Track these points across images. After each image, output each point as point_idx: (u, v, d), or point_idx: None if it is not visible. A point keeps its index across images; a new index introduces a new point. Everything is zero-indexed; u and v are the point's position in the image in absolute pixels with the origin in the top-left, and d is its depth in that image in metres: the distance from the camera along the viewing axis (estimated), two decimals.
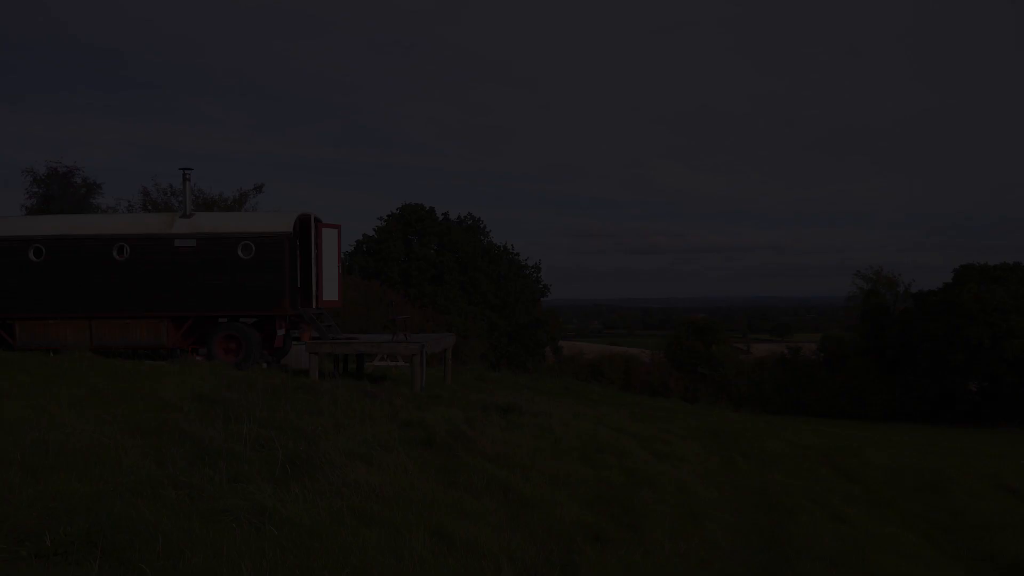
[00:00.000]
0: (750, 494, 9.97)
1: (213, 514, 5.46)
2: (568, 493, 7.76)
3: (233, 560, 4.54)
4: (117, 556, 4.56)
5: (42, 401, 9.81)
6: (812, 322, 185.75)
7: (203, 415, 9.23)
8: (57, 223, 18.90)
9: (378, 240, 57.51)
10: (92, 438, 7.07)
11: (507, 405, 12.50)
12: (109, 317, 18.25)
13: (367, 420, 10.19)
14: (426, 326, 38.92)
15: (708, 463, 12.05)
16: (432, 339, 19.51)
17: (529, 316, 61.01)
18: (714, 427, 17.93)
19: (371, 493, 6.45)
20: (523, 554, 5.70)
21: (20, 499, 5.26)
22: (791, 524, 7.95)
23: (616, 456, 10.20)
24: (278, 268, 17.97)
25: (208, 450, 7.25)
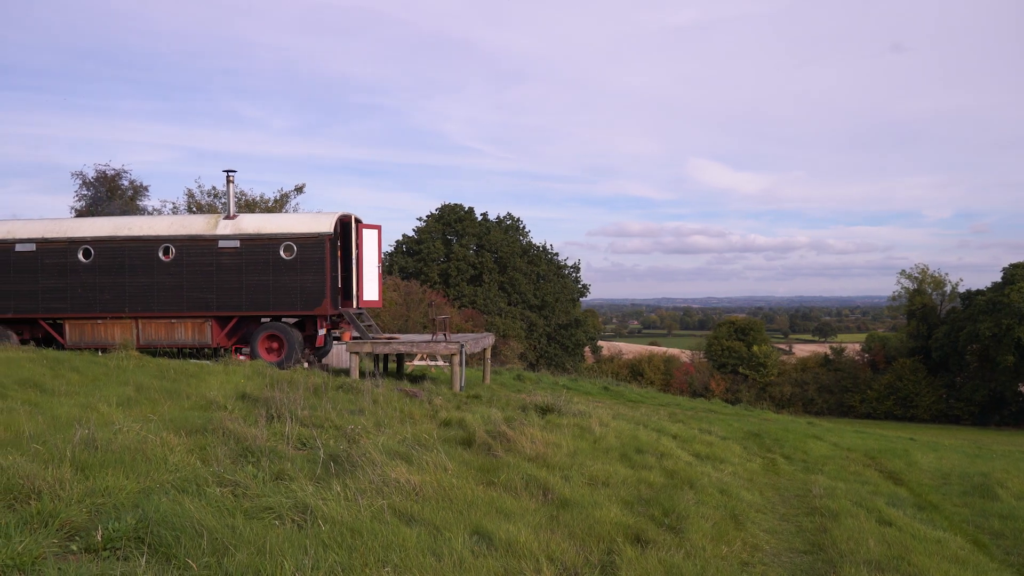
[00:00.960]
0: (793, 497, 9.84)
1: (256, 511, 5.53)
2: (608, 494, 7.73)
3: (276, 557, 4.59)
4: (164, 552, 4.64)
5: (91, 399, 10.04)
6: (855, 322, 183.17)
7: (247, 414, 9.36)
8: (105, 225, 19.30)
9: (418, 240, 57.84)
10: (139, 436, 7.20)
11: (546, 405, 12.49)
12: (155, 317, 18.60)
13: (407, 419, 10.25)
14: (465, 326, 39.07)
15: (750, 465, 11.92)
16: (471, 339, 19.58)
17: (568, 316, 60.92)
18: (756, 429, 17.74)
19: (411, 492, 6.49)
20: (563, 555, 5.69)
21: (71, 495, 5.38)
22: (835, 527, 7.83)
23: (656, 457, 10.13)
24: (319, 269, 18.16)
25: (251, 448, 7.35)
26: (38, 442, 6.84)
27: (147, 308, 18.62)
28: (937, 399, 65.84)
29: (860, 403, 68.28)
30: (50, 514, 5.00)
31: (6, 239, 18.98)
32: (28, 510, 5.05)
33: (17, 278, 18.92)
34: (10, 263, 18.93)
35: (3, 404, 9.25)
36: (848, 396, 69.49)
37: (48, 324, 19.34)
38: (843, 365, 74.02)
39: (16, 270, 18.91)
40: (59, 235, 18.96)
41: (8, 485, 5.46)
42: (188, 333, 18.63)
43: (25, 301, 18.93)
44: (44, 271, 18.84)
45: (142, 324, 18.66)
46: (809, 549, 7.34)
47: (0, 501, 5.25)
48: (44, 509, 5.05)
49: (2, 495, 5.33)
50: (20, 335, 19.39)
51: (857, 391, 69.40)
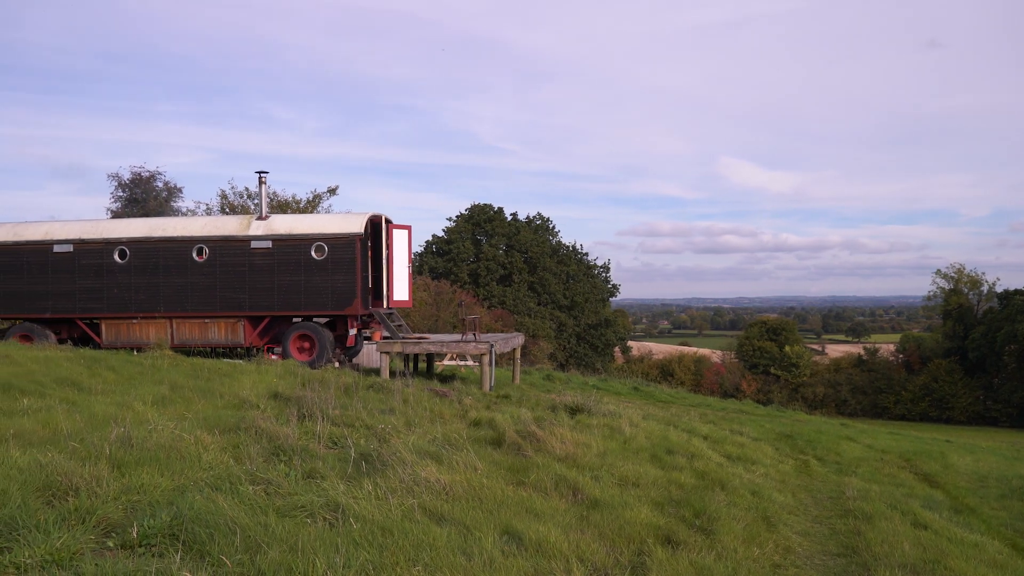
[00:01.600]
0: (826, 499, 9.74)
1: (288, 509, 5.58)
2: (638, 494, 7.71)
3: (308, 555, 4.63)
4: (198, 549, 4.70)
5: (127, 398, 10.19)
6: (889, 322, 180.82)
7: (279, 413, 9.45)
8: (140, 226, 19.58)
9: (447, 240, 57.99)
10: (174, 434, 7.29)
11: (576, 405, 12.47)
12: (189, 317, 18.83)
13: (437, 419, 10.29)
14: (495, 326, 39.11)
15: (782, 466, 11.81)
16: (501, 339, 19.60)
17: (598, 316, 60.75)
18: (788, 430, 17.57)
19: (441, 492, 6.51)
20: (593, 555, 5.68)
21: (107, 492, 5.46)
22: (869, 530, 7.73)
23: (687, 458, 10.07)
24: (350, 269, 18.28)
25: (283, 447, 7.41)
26: (76, 440, 6.96)
27: (181, 308, 18.86)
28: (974, 400, 64.78)
29: (894, 404, 67.39)
30: (87, 511, 5.08)
31: (44, 240, 19.32)
32: (66, 506, 5.13)
33: (55, 278, 19.25)
34: (48, 264, 19.27)
35: (42, 402, 9.41)
36: (882, 397, 68.62)
37: (85, 324, 19.66)
38: (877, 366, 73.11)
39: (54, 271, 19.24)
40: (96, 236, 19.26)
41: (47, 482, 5.56)
42: (221, 333, 18.84)
43: (63, 301, 19.26)
44: (81, 272, 19.16)
45: (176, 324, 18.91)
46: (843, 552, 7.25)
47: (39, 497, 5.34)
48: (82, 506, 5.13)
49: (41, 492, 5.43)
50: (58, 335, 19.73)
51: (891, 392, 68.50)
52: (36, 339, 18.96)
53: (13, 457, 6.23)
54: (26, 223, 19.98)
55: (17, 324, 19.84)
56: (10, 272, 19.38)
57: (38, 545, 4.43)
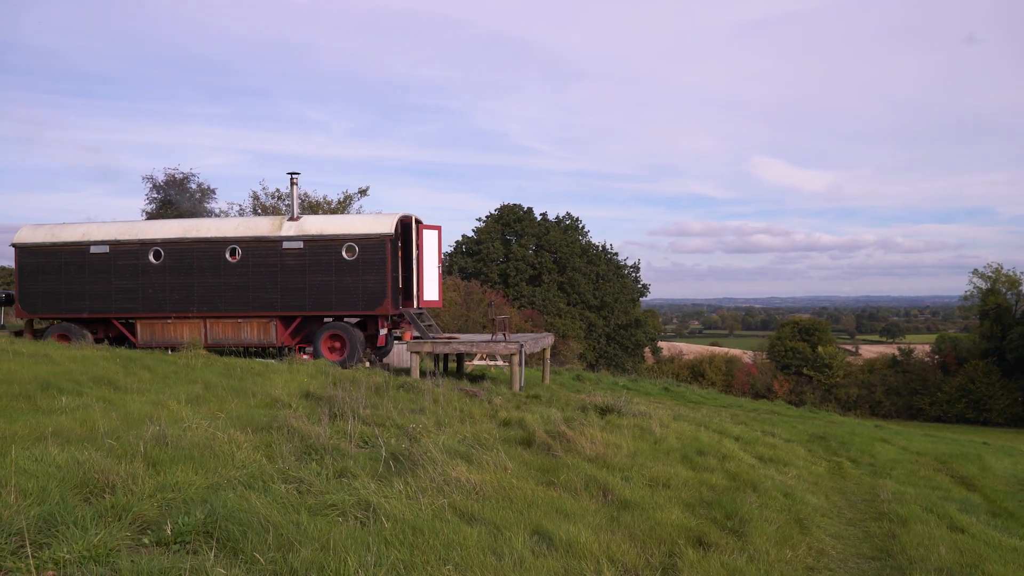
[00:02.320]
0: (860, 501, 9.62)
1: (320, 508, 5.62)
2: (669, 496, 7.67)
3: (339, 553, 4.66)
4: (231, 547, 4.74)
5: (162, 397, 10.33)
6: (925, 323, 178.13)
7: (310, 412, 9.52)
8: (174, 227, 19.84)
9: (477, 241, 58.10)
10: (207, 433, 7.37)
11: (606, 406, 12.43)
12: (222, 317, 19.04)
13: (467, 419, 10.31)
14: (525, 326, 39.11)
15: (815, 468, 11.69)
16: (531, 339, 19.59)
17: (628, 316, 60.52)
18: (821, 431, 17.38)
19: (472, 491, 6.52)
20: (623, 556, 5.66)
21: (143, 490, 5.54)
22: (904, 533, 7.62)
23: (718, 459, 10.00)
24: (380, 269, 18.38)
25: (315, 446, 7.47)
26: (112, 438, 7.07)
27: (214, 308, 19.08)
28: (1012, 402, 63.60)
29: (930, 406, 66.38)
30: (123, 508, 5.15)
31: (81, 241, 19.65)
32: (103, 503, 5.21)
33: (92, 279, 19.57)
34: (85, 264, 19.59)
35: (79, 401, 9.58)
36: (917, 399, 67.62)
37: (121, 324, 19.96)
38: (912, 367, 72.05)
39: (91, 271, 19.56)
40: (131, 237, 19.55)
41: (84, 479, 5.65)
42: (254, 333, 19.04)
43: (99, 301, 19.57)
44: (117, 272, 19.45)
45: (210, 324, 19.13)
46: (877, 555, 7.16)
47: (77, 495, 5.43)
48: (118, 503, 5.21)
49: (79, 489, 5.52)
50: (95, 334, 20.05)
51: (927, 393, 67.48)
52: (74, 339, 19.29)
53: (52, 455, 6.34)
54: (64, 224, 20.32)
55: (55, 324, 20.20)
56: (49, 273, 19.73)
57: (76, 541, 4.50)
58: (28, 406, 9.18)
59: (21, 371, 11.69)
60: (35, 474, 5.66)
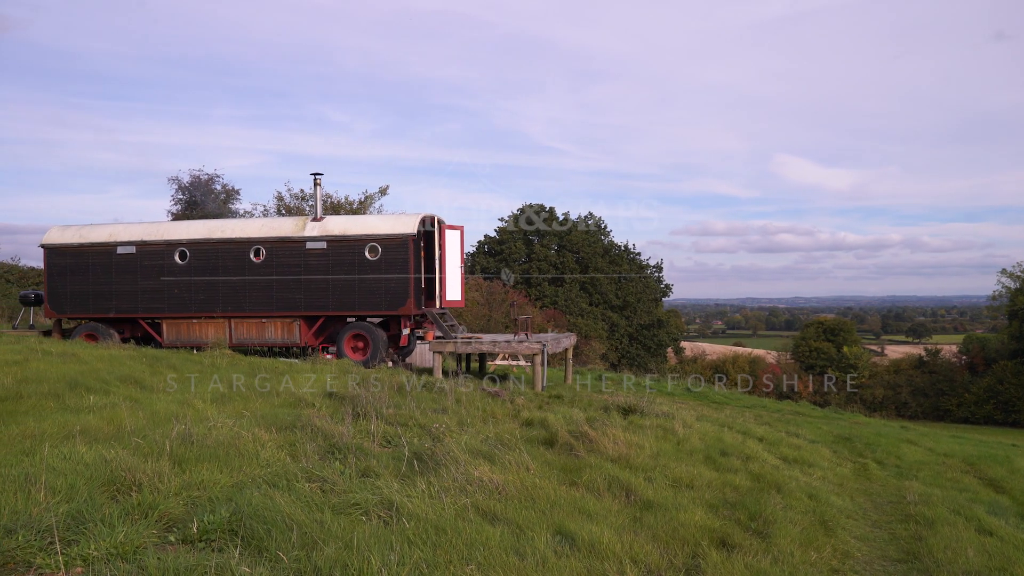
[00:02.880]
0: (886, 503, 9.52)
1: (344, 507, 5.65)
2: (692, 496, 7.63)
3: (363, 552, 4.68)
4: (256, 544, 4.78)
5: (187, 396, 10.43)
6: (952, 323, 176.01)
7: (334, 411, 9.57)
8: (199, 228, 20.01)
9: (499, 240, 58.14)
10: (232, 432, 7.43)
11: (628, 406, 12.39)
12: (247, 317, 19.19)
13: (489, 419, 10.32)
14: (547, 326, 39.08)
15: (840, 470, 11.58)
16: (553, 339, 19.58)
17: (650, 316, 60.29)
18: (846, 432, 17.22)
19: (494, 491, 6.53)
20: (646, 557, 5.64)
21: (169, 488, 5.59)
22: (931, 536, 7.54)
23: (742, 460, 9.94)
24: (403, 269, 18.44)
25: (338, 445, 7.51)
26: (139, 436, 7.15)
27: (239, 308, 19.23)
28: None
29: (957, 407, 65.55)
30: (150, 506, 5.21)
31: (108, 242, 19.87)
32: (130, 501, 5.27)
33: (119, 279, 19.79)
34: (112, 265, 19.82)
35: (107, 400, 9.69)
36: (944, 400, 66.79)
37: (147, 323, 20.17)
38: (939, 367, 71.17)
39: (118, 271, 19.79)
40: (157, 238, 19.75)
41: (111, 477, 5.71)
42: (278, 332, 19.18)
43: (126, 301, 19.79)
44: (143, 272, 19.66)
45: (234, 324, 19.29)
46: (903, 558, 7.09)
47: (104, 492, 5.49)
48: (144, 501, 5.26)
49: (106, 486, 5.59)
50: (121, 334, 20.29)
51: (954, 394, 66.64)
52: (101, 338, 19.52)
53: (80, 453, 6.43)
54: (91, 225, 20.57)
55: (83, 324, 20.45)
56: (77, 273, 19.99)
57: (103, 539, 4.56)
58: (57, 405, 9.30)
59: (50, 370, 11.85)
60: (64, 472, 5.74)
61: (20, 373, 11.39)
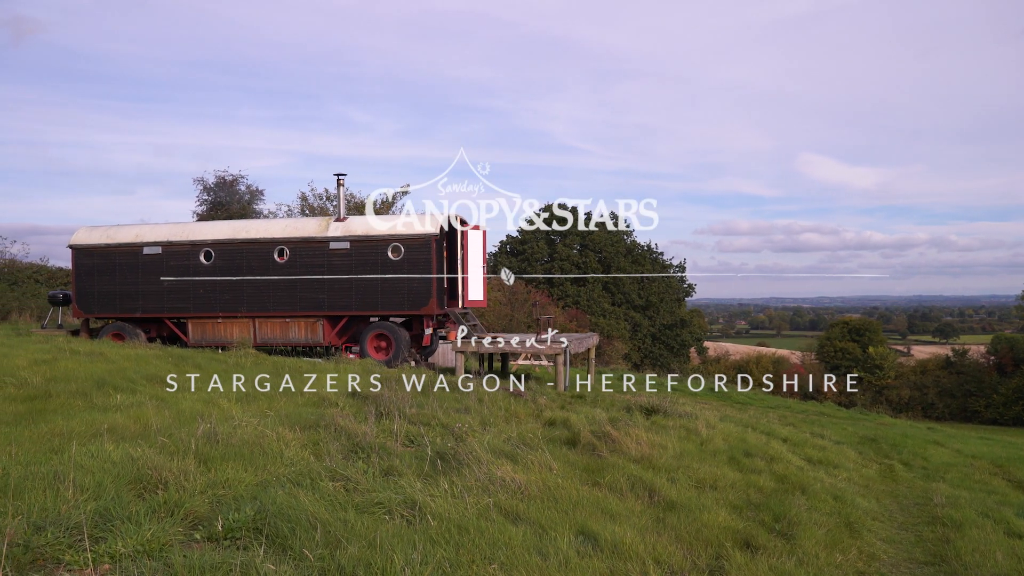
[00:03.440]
0: (912, 505, 9.42)
1: (367, 506, 5.68)
2: (715, 497, 7.59)
3: (386, 551, 4.69)
4: (280, 543, 4.81)
5: (212, 395, 10.52)
6: (980, 323, 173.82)
7: (357, 411, 9.62)
8: (224, 228, 20.18)
9: (522, 240, 58.14)
10: (256, 430, 7.49)
11: (651, 406, 12.34)
12: (271, 317, 19.33)
13: (512, 418, 10.32)
14: (569, 326, 39.03)
15: (865, 471, 11.48)
16: (575, 339, 19.55)
17: (673, 316, 60.05)
18: (872, 433, 17.06)
19: (517, 491, 6.53)
20: (669, 558, 5.62)
21: (194, 486, 5.64)
22: (959, 538, 7.45)
23: (766, 461, 9.88)
24: (426, 269, 18.49)
25: (362, 445, 7.54)
26: (165, 435, 7.22)
27: (263, 308, 19.37)
28: None
29: (985, 408, 64.69)
30: (175, 504, 5.26)
31: (135, 242, 20.09)
32: (156, 499, 5.32)
33: (145, 279, 20.01)
34: (138, 265, 20.03)
35: (133, 398, 9.81)
36: (972, 400, 65.94)
37: (172, 323, 20.37)
38: (966, 368, 70.26)
39: (144, 272, 20.00)
40: (182, 238, 19.94)
41: (138, 475, 5.78)
42: (301, 332, 19.30)
43: (152, 301, 20.00)
44: (169, 272, 19.86)
45: (259, 323, 19.43)
46: (930, 560, 7.01)
47: (131, 490, 5.55)
48: (170, 499, 5.32)
49: (133, 484, 5.65)
50: (148, 333, 20.50)
51: (982, 395, 65.77)
52: (128, 338, 19.74)
53: (107, 451, 6.51)
54: (118, 226, 20.80)
55: (110, 323, 20.69)
56: (104, 273, 20.22)
57: (130, 536, 4.61)
58: (85, 403, 9.42)
59: (78, 369, 12.00)
60: (91, 470, 5.81)
61: (49, 372, 11.55)
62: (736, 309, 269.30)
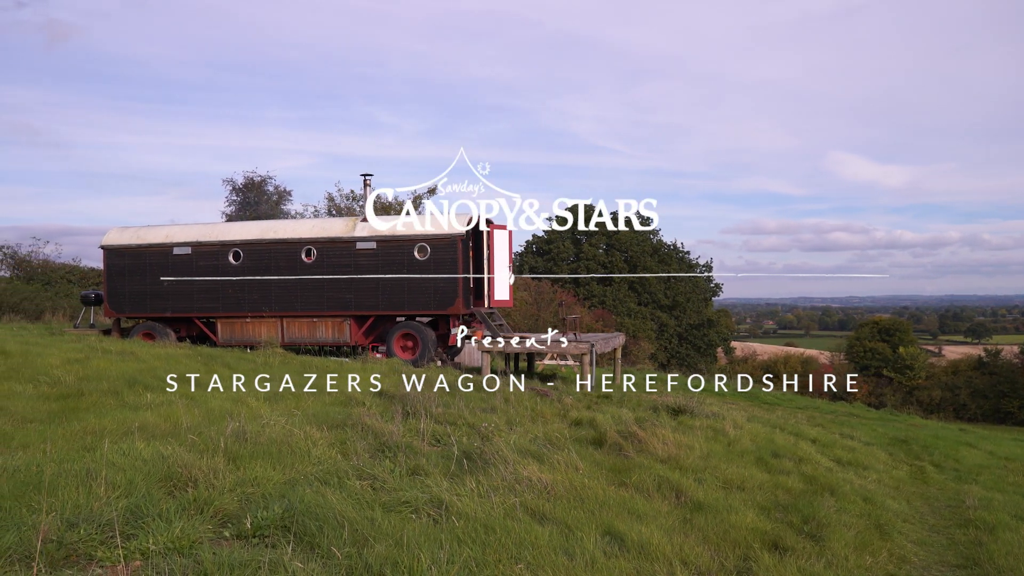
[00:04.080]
0: (944, 507, 9.30)
1: (394, 505, 5.70)
2: (743, 498, 7.54)
3: (413, 550, 4.71)
4: (308, 541, 4.85)
5: (241, 394, 10.61)
6: (1013, 323, 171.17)
7: (383, 410, 9.66)
8: (252, 229, 20.36)
9: (547, 240, 58.08)
10: (284, 429, 7.55)
11: (678, 406, 12.28)
12: (298, 316, 19.47)
13: (538, 418, 10.31)
14: (595, 326, 38.94)
15: (896, 473, 11.34)
16: (601, 339, 19.50)
17: (700, 316, 59.70)
18: (902, 434, 16.86)
19: (543, 491, 6.52)
20: (697, 559, 5.59)
21: (223, 484, 5.70)
22: (992, 541, 7.34)
23: (794, 462, 9.80)
24: (452, 269, 18.53)
25: (388, 444, 7.57)
26: (194, 433, 7.30)
27: (291, 308, 19.52)
28: None
29: (1019, 409, 63.61)
30: (205, 501, 5.31)
31: (165, 243, 20.32)
32: (186, 497, 5.38)
33: (175, 279, 20.23)
34: (168, 265, 20.26)
35: (163, 397, 9.91)
36: (1005, 401, 64.88)
37: (202, 323, 20.58)
38: (999, 368, 69.13)
39: (174, 272, 20.22)
40: (212, 239, 20.14)
41: (168, 473, 5.84)
42: (328, 332, 19.42)
43: (181, 301, 20.22)
44: (198, 272, 20.07)
45: (286, 323, 19.58)
46: (963, 564, 6.91)
47: (162, 488, 5.62)
48: (200, 497, 5.37)
49: (163, 482, 5.71)
50: (177, 333, 20.73)
51: (1016, 396, 64.69)
52: (158, 337, 19.97)
53: (138, 449, 6.59)
54: (148, 227, 21.06)
55: (141, 323, 20.94)
56: (135, 274, 20.48)
57: (161, 533, 4.66)
58: (116, 402, 9.54)
59: (109, 368, 12.16)
60: (123, 467, 5.89)
61: (82, 371, 11.71)
62: (764, 309, 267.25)
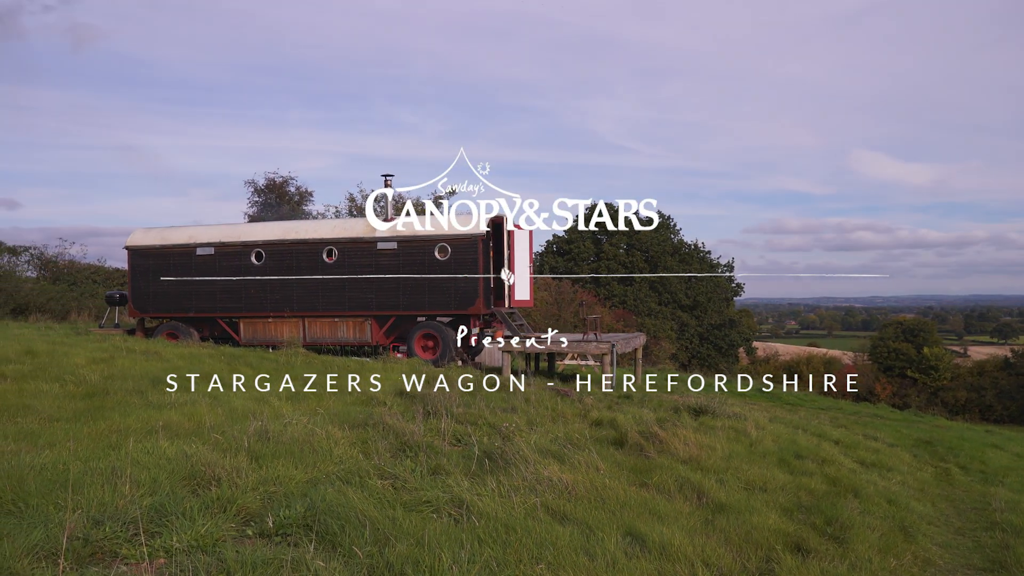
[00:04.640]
0: (969, 510, 9.20)
1: (415, 504, 5.72)
2: (765, 499, 7.49)
3: (434, 549, 4.73)
4: (330, 540, 4.88)
5: (263, 393, 10.69)
6: None
7: (404, 410, 9.69)
8: (275, 229, 20.47)
9: (568, 240, 58.01)
10: (306, 429, 7.59)
11: (699, 407, 12.23)
12: (320, 316, 19.56)
13: (558, 418, 10.31)
14: (616, 326, 38.86)
15: (920, 474, 11.23)
16: (622, 339, 19.44)
17: (721, 316, 59.39)
18: (927, 436, 16.69)
19: (564, 491, 6.52)
20: (719, 560, 5.56)
21: (246, 483, 5.74)
22: (1019, 545, 7.25)
23: (817, 463, 9.72)
24: (472, 269, 18.54)
25: (410, 443, 7.60)
26: (218, 432, 7.36)
27: (312, 308, 19.62)
28: None
29: None
30: (228, 500, 5.36)
31: (188, 243, 20.49)
32: (209, 495, 5.43)
33: (198, 279, 20.40)
34: (191, 265, 20.43)
35: (187, 396, 10.00)
36: None
37: (225, 323, 20.73)
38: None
39: (197, 272, 20.39)
40: (234, 239, 20.28)
41: (192, 472, 5.90)
42: (350, 332, 19.50)
43: (204, 301, 20.38)
44: (221, 273, 20.22)
45: (308, 323, 19.68)
46: (989, 567, 6.84)
47: (185, 486, 5.67)
48: (223, 495, 5.42)
49: (187, 481, 5.77)
50: (200, 332, 20.89)
51: None
52: (181, 337, 20.14)
53: (162, 448, 6.65)
54: (172, 227, 21.24)
55: (164, 323, 21.13)
56: (158, 274, 20.66)
57: (185, 531, 4.71)
58: (140, 401, 9.64)
59: (134, 368, 12.29)
60: (147, 466, 5.95)
61: (107, 370, 11.84)
62: (786, 309, 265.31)
